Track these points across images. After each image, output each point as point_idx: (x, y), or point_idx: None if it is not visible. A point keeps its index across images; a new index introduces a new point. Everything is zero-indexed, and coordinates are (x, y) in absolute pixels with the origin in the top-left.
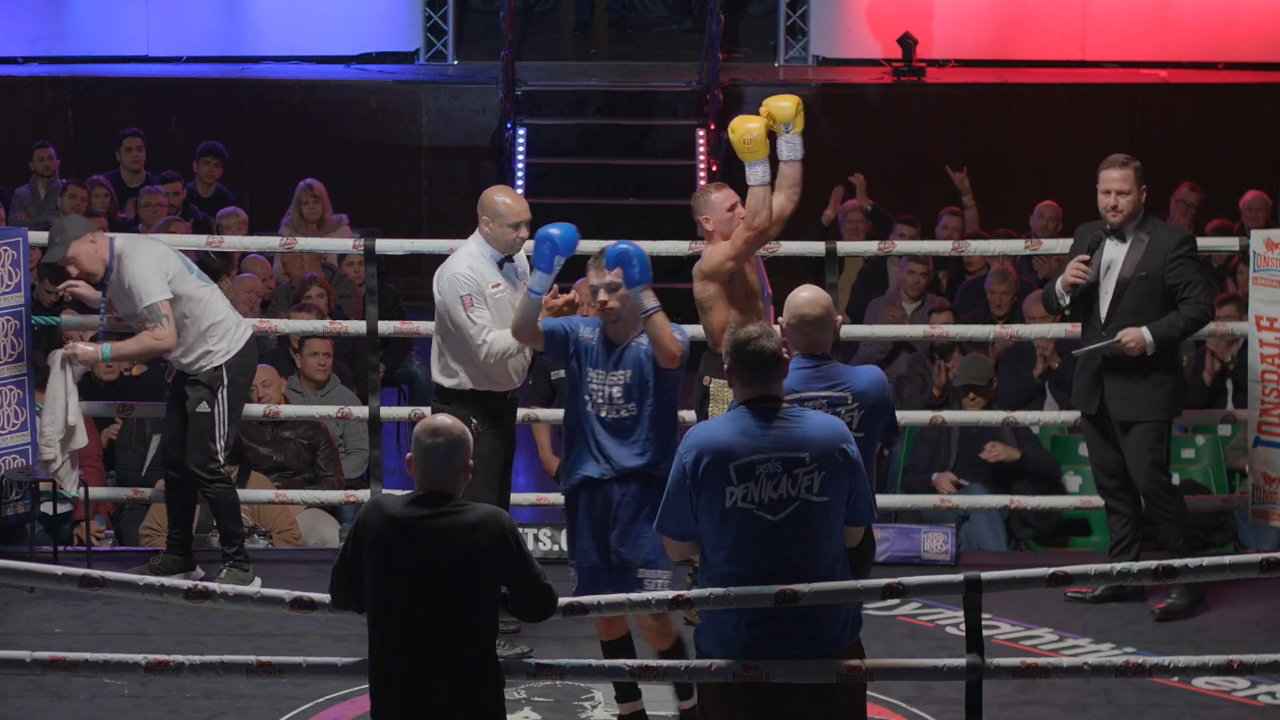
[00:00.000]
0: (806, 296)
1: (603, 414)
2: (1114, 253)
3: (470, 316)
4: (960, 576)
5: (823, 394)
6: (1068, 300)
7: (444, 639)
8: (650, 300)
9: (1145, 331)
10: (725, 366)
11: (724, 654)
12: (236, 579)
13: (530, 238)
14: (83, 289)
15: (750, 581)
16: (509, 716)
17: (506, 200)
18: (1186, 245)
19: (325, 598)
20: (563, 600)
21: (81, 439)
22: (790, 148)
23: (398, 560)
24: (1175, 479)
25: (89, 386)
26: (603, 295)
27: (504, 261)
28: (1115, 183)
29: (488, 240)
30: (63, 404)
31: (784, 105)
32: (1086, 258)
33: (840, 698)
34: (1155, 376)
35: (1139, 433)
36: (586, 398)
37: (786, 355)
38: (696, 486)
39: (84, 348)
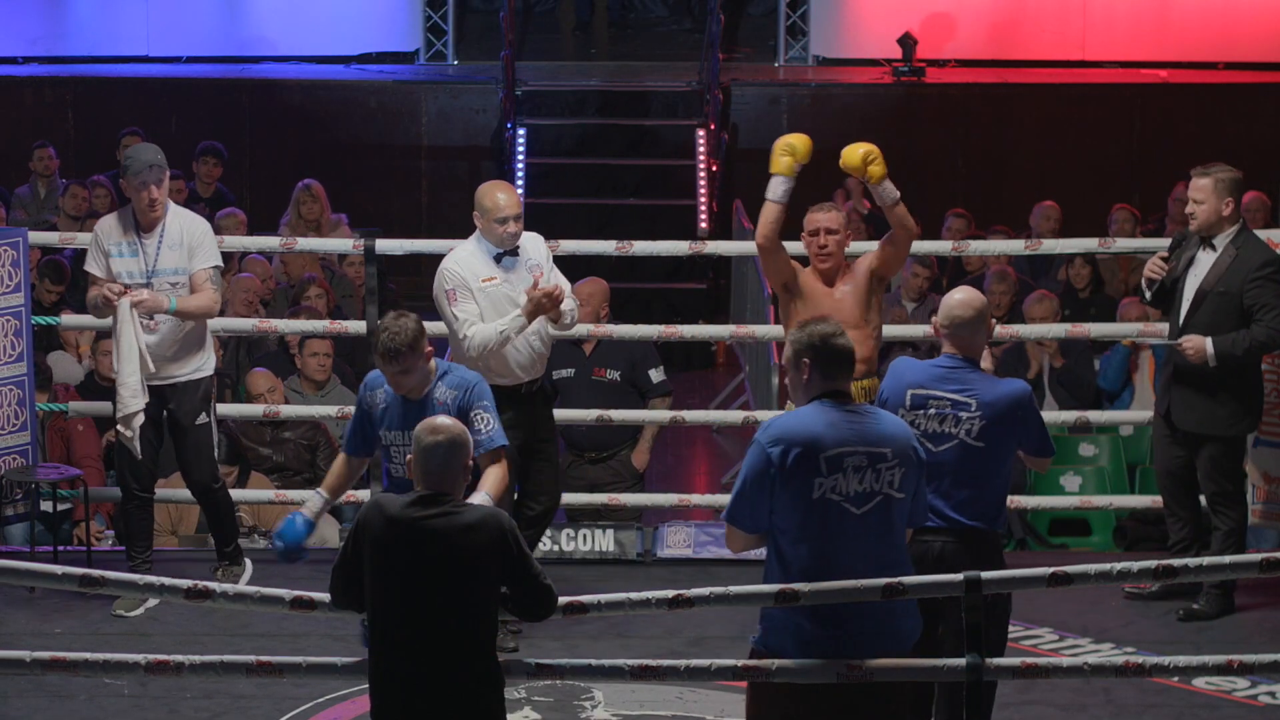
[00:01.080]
0: (960, 298)
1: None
2: (1204, 260)
3: (454, 311)
4: (960, 576)
5: (949, 395)
6: (1149, 295)
7: (443, 639)
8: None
9: (1208, 343)
10: (803, 360)
11: (804, 654)
12: (233, 576)
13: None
14: (148, 296)
15: (831, 575)
16: (509, 716)
17: (495, 195)
18: (1270, 267)
19: (325, 597)
20: (562, 600)
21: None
22: (878, 196)
23: (397, 560)
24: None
25: (92, 386)
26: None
27: (503, 255)
28: (1194, 190)
29: (483, 235)
30: (137, 351)
31: (851, 154)
32: (1166, 254)
33: (907, 694)
34: (1221, 393)
35: (1211, 448)
36: (389, 464)
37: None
38: (784, 478)
39: (150, 294)
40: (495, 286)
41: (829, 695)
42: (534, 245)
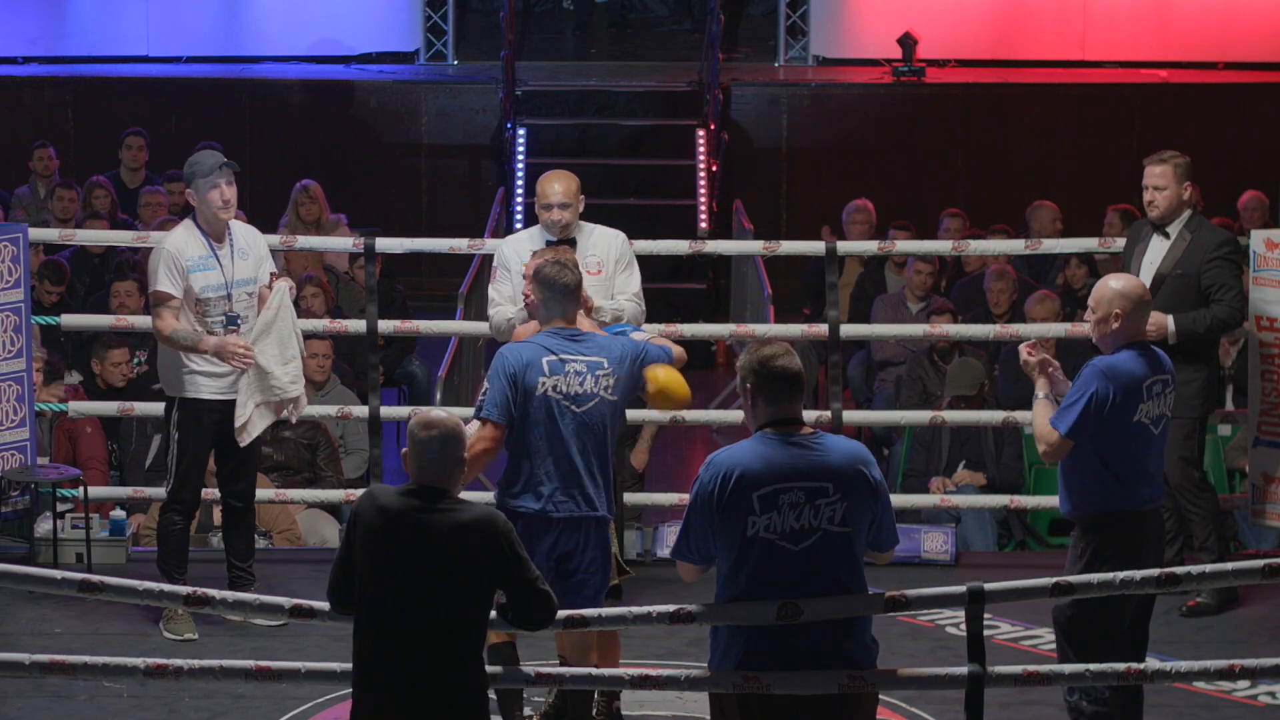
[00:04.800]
0: (1129, 279)
1: None
2: (1157, 246)
3: (489, 288)
4: (963, 588)
5: (1160, 376)
6: None
7: (429, 636)
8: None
9: (1170, 320)
10: (746, 385)
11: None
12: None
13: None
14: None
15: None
16: (499, 716)
17: (545, 182)
18: (1226, 248)
19: (324, 606)
20: (562, 613)
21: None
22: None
23: (388, 552)
24: None
25: (93, 387)
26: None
27: (557, 244)
28: (1153, 178)
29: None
30: (298, 337)
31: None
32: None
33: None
34: (1184, 373)
35: (1178, 431)
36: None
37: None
38: (721, 513)
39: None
40: None
41: (790, 711)
42: (604, 242)
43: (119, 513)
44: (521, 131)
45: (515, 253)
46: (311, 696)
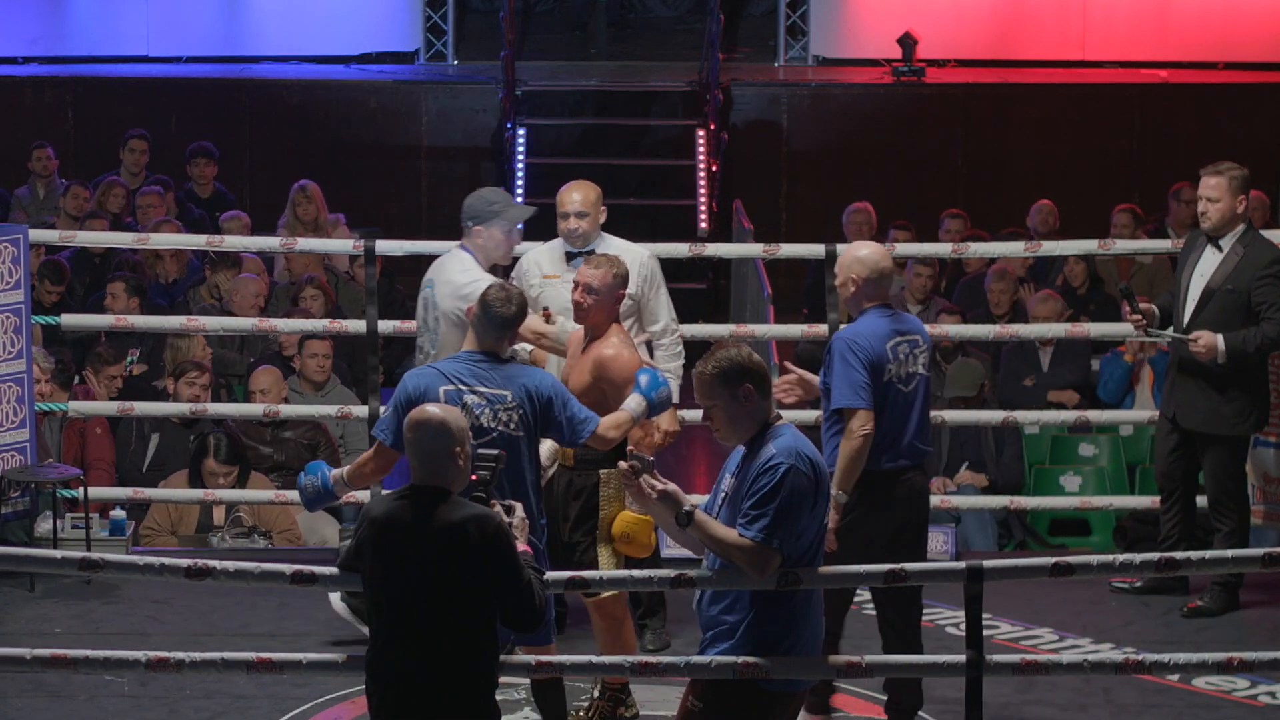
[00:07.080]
0: (876, 249)
1: None
2: (1209, 259)
3: None
4: (962, 564)
5: (907, 337)
6: (1147, 329)
7: (434, 639)
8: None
9: (1220, 339)
10: (746, 385)
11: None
12: None
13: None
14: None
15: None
16: (509, 716)
17: (564, 191)
18: (1277, 265)
19: (325, 570)
20: (564, 574)
21: None
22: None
23: (389, 558)
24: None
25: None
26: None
27: (576, 255)
28: (1207, 189)
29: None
30: None
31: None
32: (1137, 318)
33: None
34: (1227, 391)
35: (1215, 449)
36: None
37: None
38: (817, 501)
39: None
40: (555, 286)
41: None
42: (628, 260)
43: (119, 513)
44: (521, 131)
45: (534, 264)
46: (311, 697)
